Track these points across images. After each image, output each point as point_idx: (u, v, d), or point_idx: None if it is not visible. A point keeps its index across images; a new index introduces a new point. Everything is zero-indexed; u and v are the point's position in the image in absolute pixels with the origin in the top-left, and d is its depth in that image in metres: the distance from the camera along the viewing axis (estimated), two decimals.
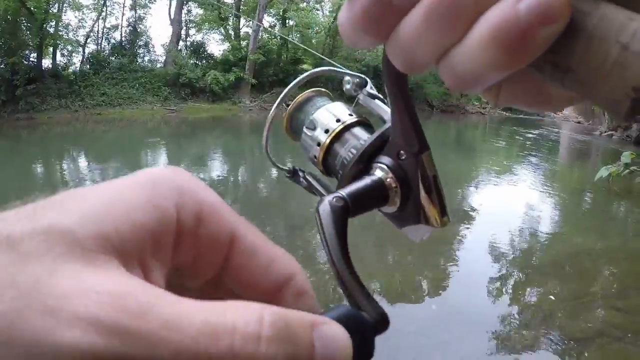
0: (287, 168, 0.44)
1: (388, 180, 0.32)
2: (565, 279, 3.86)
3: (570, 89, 0.20)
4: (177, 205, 0.21)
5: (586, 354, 2.79)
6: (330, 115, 0.39)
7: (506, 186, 7.68)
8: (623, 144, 13.72)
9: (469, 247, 4.57)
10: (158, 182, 0.21)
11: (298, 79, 0.41)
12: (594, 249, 4.57)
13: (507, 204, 6.34)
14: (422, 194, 0.32)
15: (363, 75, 0.41)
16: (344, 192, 0.30)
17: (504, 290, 3.64)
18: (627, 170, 6.77)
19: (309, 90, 0.43)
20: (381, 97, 0.39)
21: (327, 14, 24.85)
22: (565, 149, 13.89)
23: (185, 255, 0.22)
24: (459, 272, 3.94)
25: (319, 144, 0.38)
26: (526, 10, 0.17)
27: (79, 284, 0.16)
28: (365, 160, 0.34)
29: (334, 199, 0.29)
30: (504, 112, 25.15)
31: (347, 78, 0.41)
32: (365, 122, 0.38)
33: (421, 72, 0.22)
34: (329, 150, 0.38)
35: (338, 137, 0.38)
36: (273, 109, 0.42)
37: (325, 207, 0.29)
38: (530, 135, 15.91)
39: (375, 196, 0.32)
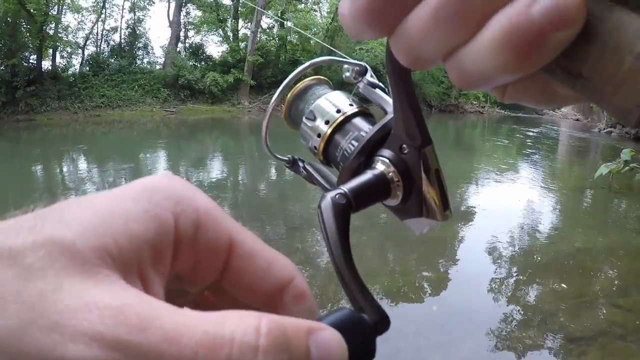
0: (286, 158, 0.43)
1: (390, 174, 0.32)
2: (566, 278, 3.85)
3: (581, 94, 0.20)
4: (175, 213, 0.21)
5: (588, 353, 2.78)
6: (330, 105, 0.38)
7: (507, 185, 7.68)
8: (622, 140, 13.74)
9: (470, 247, 4.57)
10: (155, 192, 0.21)
11: (299, 69, 0.40)
12: (595, 246, 4.56)
13: (508, 203, 6.33)
14: (425, 188, 0.31)
15: (363, 63, 0.40)
16: (345, 187, 0.30)
17: (504, 289, 3.63)
18: (627, 168, 6.76)
19: (309, 79, 0.42)
20: (382, 85, 0.38)
21: (325, 15, 24.85)
22: (565, 147, 13.89)
23: (185, 263, 0.22)
24: (460, 272, 3.93)
25: (319, 135, 0.38)
26: (540, 13, 0.17)
27: (82, 299, 0.17)
28: (367, 153, 0.34)
29: (336, 196, 0.29)
30: (502, 111, 25.16)
31: (346, 66, 0.40)
32: (366, 112, 0.38)
33: (426, 68, 0.22)
34: (329, 141, 0.37)
35: (339, 128, 0.37)
36: (273, 100, 0.41)
37: (327, 204, 0.29)
38: (530, 134, 15.92)
39: (377, 191, 0.32)
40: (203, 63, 21.82)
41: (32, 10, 16.66)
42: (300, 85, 0.42)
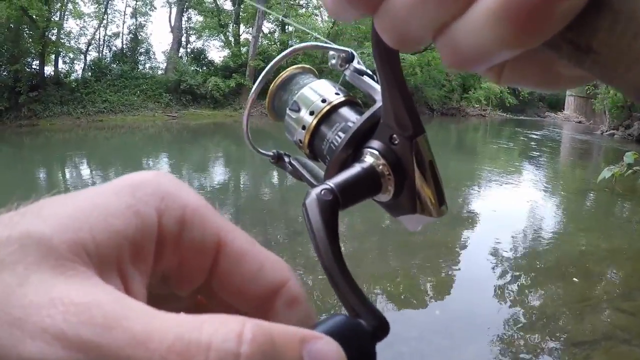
0: (270, 153, 0.41)
1: (380, 167, 0.29)
2: (570, 281, 3.83)
3: (590, 72, 0.18)
4: (159, 210, 0.20)
5: (592, 358, 2.76)
6: (315, 94, 0.36)
7: (510, 188, 7.66)
8: (625, 142, 13.73)
9: (473, 251, 4.55)
10: (139, 187, 0.20)
11: (280, 55, 0.38)
12: (599, 250, 4.55)
13: (511, 206, 6.32)
14: (418, 181, 0.29)
15: (349, 49, 0.37)
16: (332, 183, 0.28)
17: (507, 293, 3.62)
18: (631, 171, 6.74)
19: (292, 67, 0.40)
20: (369, 72, 0.36)
21: (326, 19, 24.92)
22: (568, 149, 13.86)
23: (169, 262, 0.21)
24: (463, 276, 3.92)
25: (304, 127, 0.35)
26: None
27: (48, 295, 0.16)
28: (355, 145, 0.32)
29: (322, 192, 0.27)
30: (504, 114, 25.16)
31: (331, 53, 0.37)
32: (353, 101, 0.36)
33: (415, 48, 0.20)
34: (315, 133, 0.35)
35: (324, 118, 0.35)
36: (253, 90, 0.39)
37: (312, 201, 0.26)
38: (533, 136, 15.91)
39: (366, 186, 0.29)
40: (205, 68, 21.87)
41: (34, 16, 16.74)
42: (283, 74, 0.39)
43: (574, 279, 3.76)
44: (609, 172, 6.66)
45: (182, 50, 22.78)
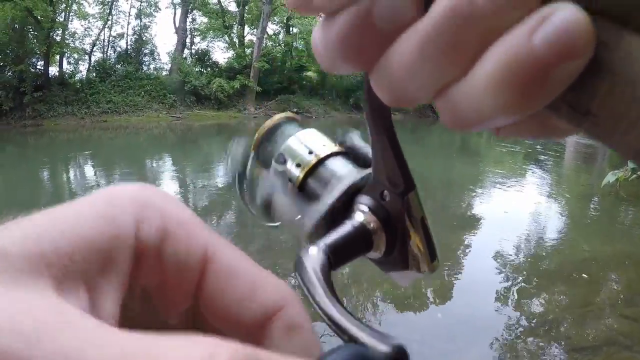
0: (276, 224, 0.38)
1: (371, 224, 0.29)
2: (573, 286, 3.83)
3: (588, 133, 0.18)
4: (137, 218, 0.18)
5: None
6: (301, 146, 0.34)
7: (513, 192, 7.65)
8: None
9: (475, 254, 4.55)
10: (117, 196, 0.19)
11: (262, 130, 0.36)
12: (602, 255, 4.53)
13: (514, 210, 6.31)
14: (410, 238, 0.29)
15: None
16: (323, 243, 0.27)
17: (510, 297, 3.61)
18: (635, 175, 6.72)
19: (277, 117, 0.38)
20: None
21: None
22: (573, 153, 13.84)
23: (149, 276, 0.19)
24: (465, 279, 3.92)
25: (290, 181, 0.34)
26: (543, 43, 0.15)
27: None
28: (344, 201, 0.31)
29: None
30: None
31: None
32: (341, 153, 0.34)
33: (412, 106, 0.20)
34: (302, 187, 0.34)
35: (312, 172, 0.33)
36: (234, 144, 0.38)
37: (304, 264, 0.25)
38: (538, 139, 15.88)
39: (358, 244, 0.29)
40: (209, 69, 21.96)
41: (39, 17, 16.85)
42: (267, 124, 0.38)
43: (583, 274, 3.78)
44: (613, 177, 6.64)
45: (186, 51, 22.89)
